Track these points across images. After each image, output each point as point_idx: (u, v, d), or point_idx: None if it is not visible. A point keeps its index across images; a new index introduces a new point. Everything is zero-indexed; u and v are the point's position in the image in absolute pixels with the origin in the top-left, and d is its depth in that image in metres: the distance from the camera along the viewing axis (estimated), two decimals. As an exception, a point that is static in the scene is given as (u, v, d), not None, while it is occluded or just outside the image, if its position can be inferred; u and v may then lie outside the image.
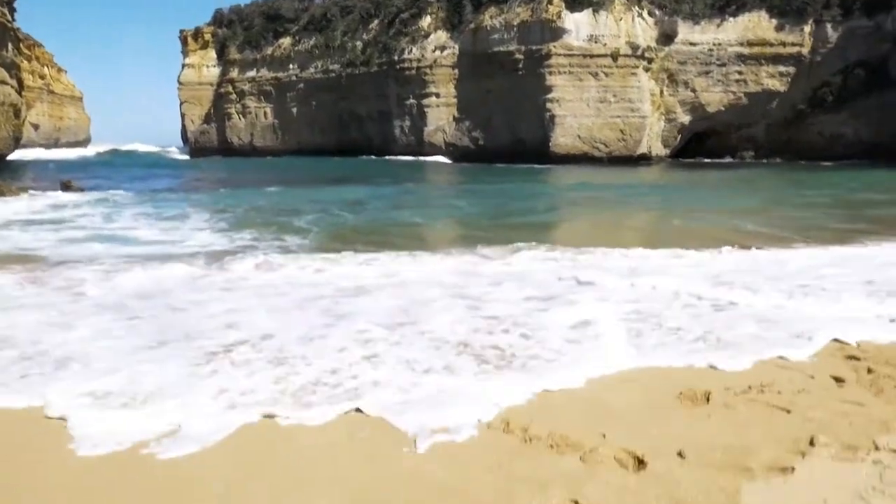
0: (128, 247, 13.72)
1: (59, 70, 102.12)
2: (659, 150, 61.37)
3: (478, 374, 6.01)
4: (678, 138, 62.68)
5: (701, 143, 63.41)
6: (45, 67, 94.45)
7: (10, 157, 50.35)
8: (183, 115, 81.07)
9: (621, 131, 58.74)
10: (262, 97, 76.66)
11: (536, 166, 52.33)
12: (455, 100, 62.82)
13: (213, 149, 77.91)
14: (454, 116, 63.00)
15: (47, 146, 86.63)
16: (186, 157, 79.02)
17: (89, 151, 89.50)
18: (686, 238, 14.08)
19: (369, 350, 6.65)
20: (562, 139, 57.66)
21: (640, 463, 4.28)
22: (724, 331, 7.17)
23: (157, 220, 18.79)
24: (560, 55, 56.60)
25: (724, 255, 12.19)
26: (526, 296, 8.95)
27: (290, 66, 74.42)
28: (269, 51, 75.75)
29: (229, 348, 6.62)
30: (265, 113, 76.59)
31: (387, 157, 63.45)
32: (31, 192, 27.80)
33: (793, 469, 4.08)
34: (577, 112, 57.77)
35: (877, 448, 4.31)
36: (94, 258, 12.07)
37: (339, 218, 19.71)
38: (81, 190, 29.88)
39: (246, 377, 5.86)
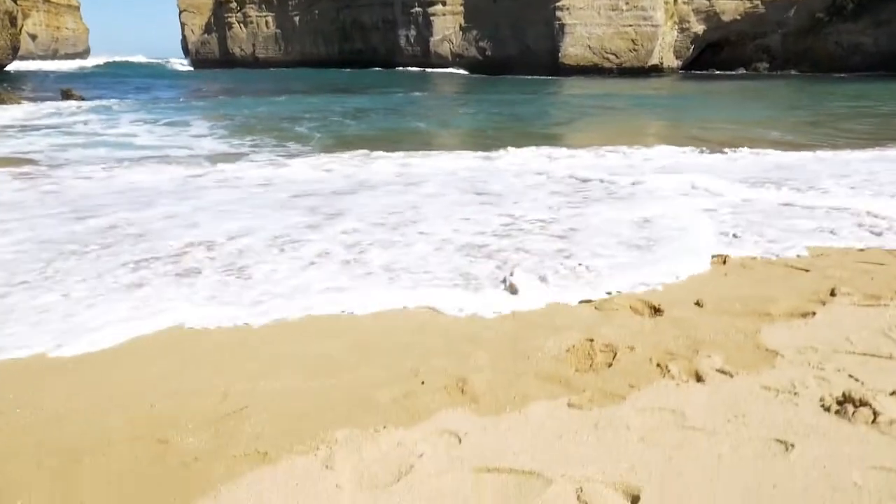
0: (124, 151, 13.45)
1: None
2: (671, 61, 59.74)
3: (504, 289, 4.82)
4: (691, 49, 60.90)
5: (714, 54, 61.65)
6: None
7: (8, 68, 49.45)
8: (183, 25, 79.00)
9: (633, 41, 57.06)
10: (263, 5, 74.43)
11: (545, 78, 51.14)
12: (462, 8, 60.88)
13: (214, 60, 76.27)
14: (461, 26, 61.21)
15: (46, 57, 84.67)
16: (190, 68, 77.32)
17: (89, 63, 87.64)
18: (709, 145, 13.48)
19: (353, 254, 5.67)
20: (571, 49, 56.11)
21: (657, 311, 4.21)
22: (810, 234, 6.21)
23: (157, 126, 18.49)
24: (571, -41, 54.55)
25: (757, 157, 11.57)
26: (551, 191, 8.42)
27: (291, -29, 72.05)
28: (268, -45, 73.16)
29: (180, 253, 5.76)
30: (267, 22, 74.57)
31: (394, 69, 61.91)
32: (31, 100, 27.39)
33: (814, 314, 3.99)
34: (587, 21, 56.00)
35: (900, 296, 4.21)
36: (85, 161, 11.86)
37: (344, 126, 19.29)
38: (82, 99, 29.38)
39: (178, 288, 4.83)
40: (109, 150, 13.58)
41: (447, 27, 61.50)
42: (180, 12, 78.16)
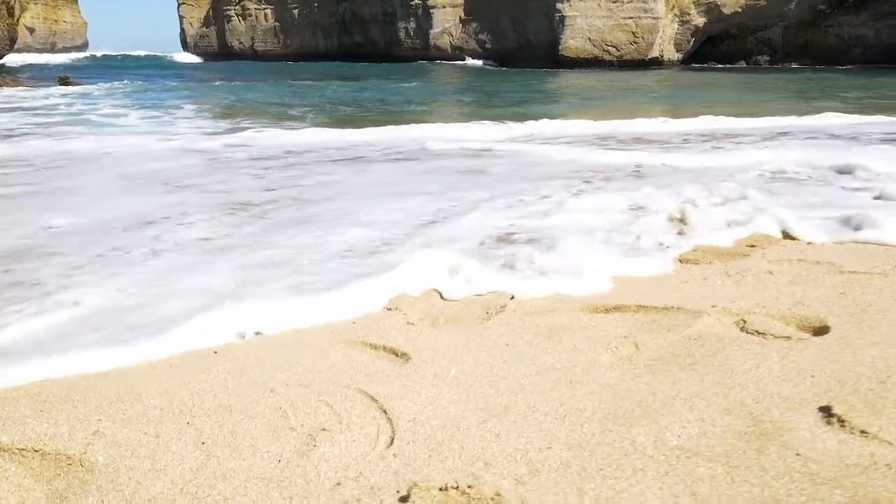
0: (102, 129, 13.08)
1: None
2: (671, 53, 59.52)
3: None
4: (691, 42, 60.69)
5: (714, 47, 61.49)
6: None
7: (5, 60, 49.03)
8: (181, 19, 78.46)
9: (633, 33, 56.95)
10: (262, -2, 73.96)
11: (546, 70, 50.86)
12: (462, 0, 60.58)
13: (212, 53, 75.66)
14: (461, 18, 60.86)
15: (44, 51, 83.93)
16: (198, 60, 75.69)
17: (86, 55, 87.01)
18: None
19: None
20: (571, 42, 55.94)
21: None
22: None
23: (144, 108, 18.13)
24: (572, -50, 54.38)
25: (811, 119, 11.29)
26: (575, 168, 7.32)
27: (290, -37, 71.44)
28: (267, -53, 72.54)
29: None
30: (265, 15, 73.99)
31: (398, 62, 61.21)
32: (28, 87, 27.30)
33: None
34: (587, 13, 55.85)
35: None
36: (53, 134, 11.59)
37: (339, 110, 18.87)
38: (79, 85, 29.15)
39: None
40: (89, 128, 13.22)
41: (447, 20, 61.14)
42: (179, 5, 77.64)
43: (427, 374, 2.19)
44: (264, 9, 73.82)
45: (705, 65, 59.22)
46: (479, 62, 58.52)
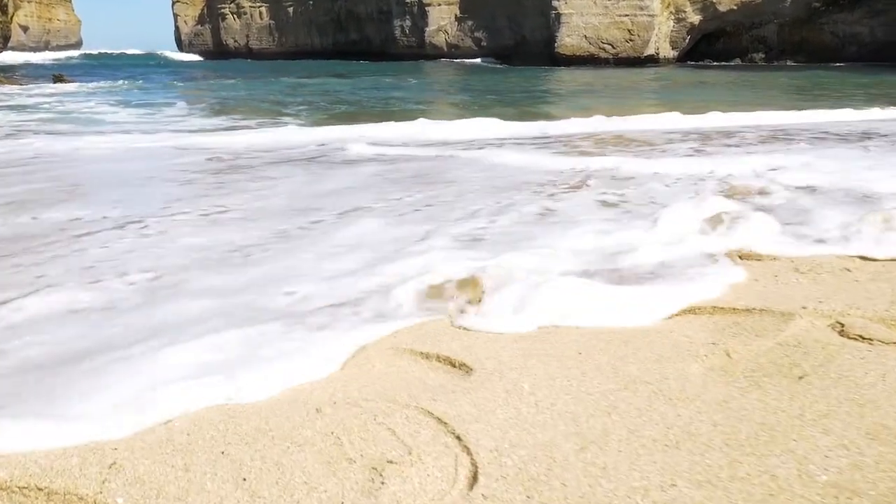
0: (87, 126, 12.75)
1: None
2: (667, 51, 59.37)
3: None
4: (687, 39, 60.57)
5: (709, 44, 61.39)
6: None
7: (0, 59, 48.54)
8: (175, 17, 77.80)
9: (629, 31, 56.85)
10: (256, -4, 73.30)
11: (542, 68, 50.65)
12: (457, -2, 60.34)
13: (207, 51, 75.04)
14: (456, 16, 60.54)
15: (37, 49, 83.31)
16: (196, 58, 74.39)
17: (80, 54, 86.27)
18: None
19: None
20: (567, 39, 55.76)
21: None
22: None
23: (135, 107, 17.72)
24: (567, -53, 54.22)
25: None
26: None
27: (285, -39, 70.82)
28: (262, -56, 71.87)
29: None
30: (261, 13, 73.36)
31: (390, 61, 60.75)
32: (21, 84, 26.94)
33: None
34: (583, 10, 55.71)
35: None
36: (40, 132, 11.35)
37: (333, 108, 18.47)
38: (74, 83, 28.85)
39: None
40: (74, 126, 12.88)
41: (442, 18, 60.80)
42: (173, 3, 76.93)
43: (496, 389, 1.88)
44: (259, 7, 73.16)
45: (701, 62, 59.14)
46: (478, 60, 58.20)
